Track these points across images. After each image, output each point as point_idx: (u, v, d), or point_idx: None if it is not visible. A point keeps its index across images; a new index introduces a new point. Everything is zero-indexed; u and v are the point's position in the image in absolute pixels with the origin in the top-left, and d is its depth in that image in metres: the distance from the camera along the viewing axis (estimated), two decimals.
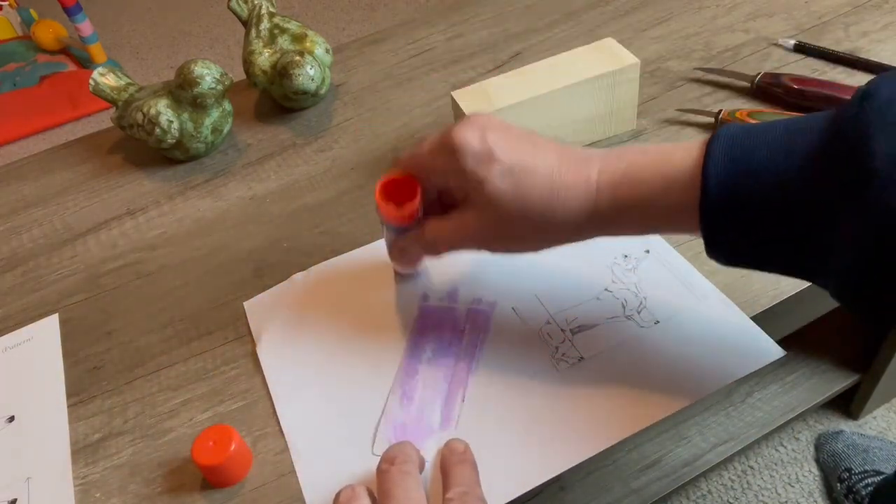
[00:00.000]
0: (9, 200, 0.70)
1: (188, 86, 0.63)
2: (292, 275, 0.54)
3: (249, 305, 0.54)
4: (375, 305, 0.51)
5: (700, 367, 0.44)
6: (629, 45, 0.58)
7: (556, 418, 0.43)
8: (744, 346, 0.44)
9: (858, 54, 0.64)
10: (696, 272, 0.49)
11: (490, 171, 0.39)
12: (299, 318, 0.51)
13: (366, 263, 0.55)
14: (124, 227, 0.64)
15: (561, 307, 0.49)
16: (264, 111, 0.74)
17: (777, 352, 0.44)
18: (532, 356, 0.46)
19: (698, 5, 0.76)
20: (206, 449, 0.42)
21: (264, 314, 0.52)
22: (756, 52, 0.68)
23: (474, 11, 0.83)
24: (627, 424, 0.42)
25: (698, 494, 0.96)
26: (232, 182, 0.66)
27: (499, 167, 0.39)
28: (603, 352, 0.46)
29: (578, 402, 0.43)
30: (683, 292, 0.48)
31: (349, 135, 0.69)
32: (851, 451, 0.94)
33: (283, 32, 0.71)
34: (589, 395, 0.43)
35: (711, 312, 0.46)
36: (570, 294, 0.49)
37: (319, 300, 0.52)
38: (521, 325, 0.48)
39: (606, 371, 0.45)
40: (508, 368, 0.46)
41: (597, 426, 0.42)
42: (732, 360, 0.44)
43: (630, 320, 0.47)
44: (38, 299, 0.58)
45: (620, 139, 0.61)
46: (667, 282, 0.49)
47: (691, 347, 0.45)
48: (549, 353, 0.46)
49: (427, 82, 0.74)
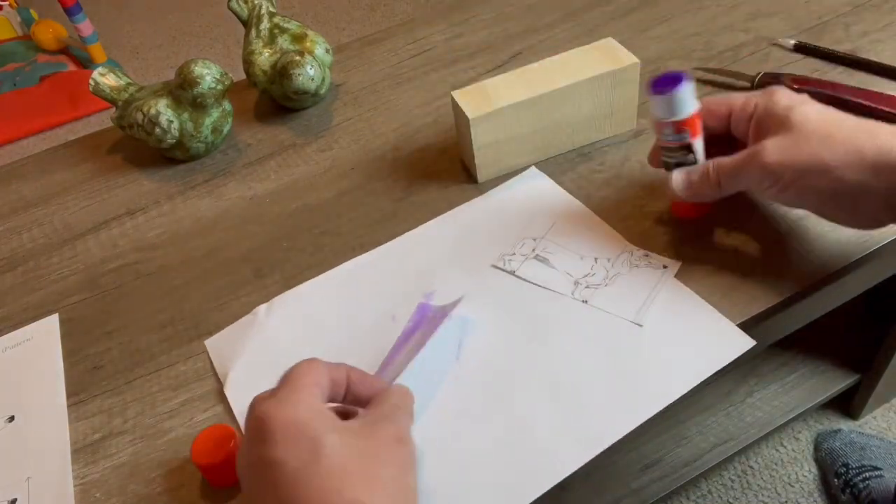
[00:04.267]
0: (9, 200, 0.70)
1: (188, 86, 0.63)
2: (256, 307, 0.53)
3: (211, 343, 0.51)
4: (342, 333, 0.50)
5: (674, 366, 0.44)
6: (629, 45, 0.58)
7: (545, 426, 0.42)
8: (714, 340, 0.45)
9: (858, 54, 0.64)
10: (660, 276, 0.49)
11: (803, 103, 0.44)
12: (265, 351, 0.49)
13: (330, 290, 0.53)
14: (124, 227, 0.64)
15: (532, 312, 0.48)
16: (264, 111, 0.74)
17: (747, 342, 0.44)
18: (511, 363, 0.46)
19: (698, 5, 0.76)
20: (205, 449, 0.42)
21: (228, 351, 0.50)
22: (756, 52, 0.68)
23: (474, 11, 0.83)
24: (605, 432, 0.41)
25: (698, 494, 0.96)
26: (232, 182, 0.66)
27: (811, 106, 0.44)
28: (572, 354, 0.45)
29: (559, 407, 0.43)
30: (649, 293, 0.48)
31: (349, 135, 0.69)
32: (849, 449, 0.94)
33: (283, 32, 0.71)
34: (567, 400, 0.43)
35: (680, 309, 0.46)
36: (541, 294, 0.49)
37: (284, 332, 0.51)
38: (495, 336, 0.47)
39: (578, 377, 0.44)
40: (488, 379, 0.45)
41: (579, 434, 0.41)
42: (704, 356, 0.44)
43: (601, 321, 0.47)
44: (38, 299, 0.58)
45: (621, 139, 0.61)
46: (635, 285, 0.48)
47: (664, 347, 0.45)
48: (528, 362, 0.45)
49: (427, 82, 0.74)
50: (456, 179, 0.61)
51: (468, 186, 0.60)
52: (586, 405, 0.43)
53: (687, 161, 0.48)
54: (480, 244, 0.54)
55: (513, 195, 0.58)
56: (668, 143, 0.48)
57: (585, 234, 0.53)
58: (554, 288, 0.49)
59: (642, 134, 0.61)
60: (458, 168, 0.62)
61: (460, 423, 0.43)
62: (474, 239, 0.55)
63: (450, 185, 0.60)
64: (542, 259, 0.51)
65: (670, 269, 0.49)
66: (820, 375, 0.90)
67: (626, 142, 0.61)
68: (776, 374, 0.90)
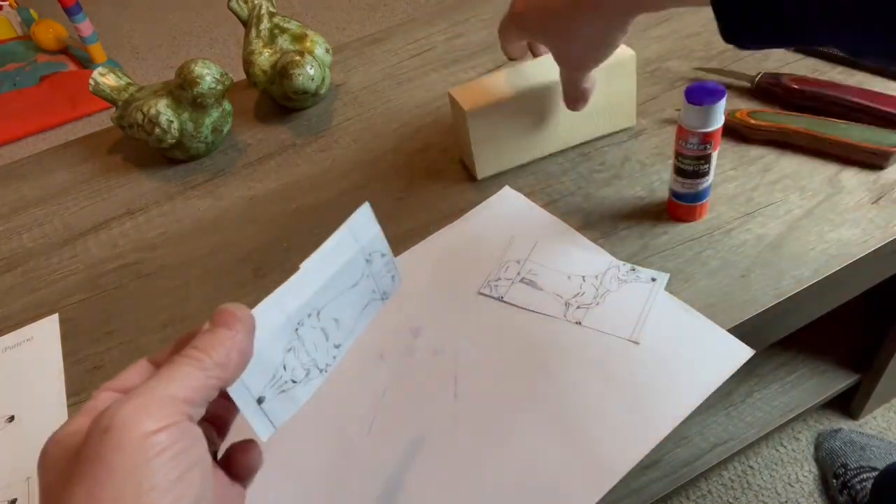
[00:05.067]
0: (9, 200, 0.70)
1: (188, 86, 0.63)
2: None
3: None
4: (325, 382, 0.47)
5: (676, 385, 0.43)
6: (629, 45, 0.58)
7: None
8: (713, 353, 0.44)
9: None
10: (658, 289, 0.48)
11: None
12: None
13: None
14: (124, 227, 0.64)
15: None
16: (264, 111, 0.74)
17: (745, 352, 0.43)
18: (510, 398, 0.44)
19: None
20: None
21: None
22: (756, 51, 0.68)
23: (474, 11, 0.83)
24: (616, 463, 0.40)
25: (698, 494, 0.96)
26: (232, 182, 0.66)
27: None
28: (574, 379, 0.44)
29: (565, 440, 0.42)
30: (641, 308, 0.47)
31: (349, 135, 0.69)
32: (849, 449, 0.94)
33: (283, 32, 0.71)
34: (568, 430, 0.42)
35: (674, 323, 0.46)
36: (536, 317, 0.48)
37: None
38: (491, 370, 0.46)
39: (584, 410, 0.43)
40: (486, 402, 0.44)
41: (590, 469, 0.40)
42: (705, 371, 0.43)
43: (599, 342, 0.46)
44: (38, 299, 0.58)
45: (621, 138, 0.61)
46: (626, 301, 0.48)
47: (664, 366, 0.44)
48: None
49: (427, 82, 0.74)
50: (456, 179, 0.61)
51: (468, 186, 0.60)
52: (594, 437, 0.41)
53: (700, 170, 0.49)
54: (463, 270, 0.52)
55: (490, 217, 0.56)
56: (688, 152, 0.48)
57: (569, 252, 0.52)
58: (545, 311, 0.48)
59: (642, 133, 0.61)
60: (458, 168, 0.62)
61: (457, 469, 0.41)
62: (456, 265, 0.53)
63: (450, 185, 0.60)
64: (529, 282, 0.50)
65: (659, 282, 0.48)
66: (820, 375, 0.90)
67: (626, 142, 0.61)
68: (776, 374, 0.90)
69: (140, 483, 0.25)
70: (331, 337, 0.35)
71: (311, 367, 0.34)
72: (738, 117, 0.58)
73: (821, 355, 0.91)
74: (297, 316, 0.33)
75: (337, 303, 0.36)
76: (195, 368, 0.28)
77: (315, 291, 0.34)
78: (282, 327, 0.32)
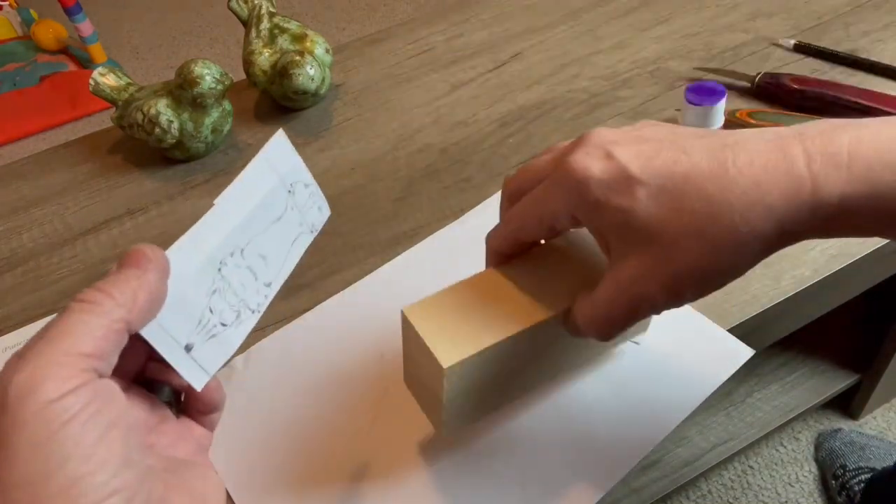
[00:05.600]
0: (9, 200, 0.70)
1: (188, 86, 0.63)
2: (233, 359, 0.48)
3: None
4: (330, 380, 0.46)
5: (676, 386, 0.43)
6: (629, 45, 0.58)
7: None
8: (713, 353, 0.44)
9: (858, 54, 0.64)
10: None
11: (634, 198, 0.29)
12: (246, 408, 0.45)
13: (310, 334, 0.50)
14: (124, 227, 0.64)
15: None
16: (264, 111, 0.74)
17: (745, 352, 0.43)
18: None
19: (698, 5, 0.76)
20: None
21: None
22: (756, 52, 0.68)
23: (474, 11, 0.83)
24: (617, 462, 0.40)
25: (698, 494, 0.96)
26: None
27: (644, 189, 0.28)
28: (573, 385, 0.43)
29: (570, 439, 0.41)
30: None
31: (349, 135, 0.69)
32: (848, 449, 0.94)
33: (283, 32, 0.71)
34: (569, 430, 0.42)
35: (674, 322, 0.45)
36: None
37: (265, 385, 0.46)
38: None
39: (587, 413, 0.42)
40: None
41: (592, 470, 0.40)
42: (705, 372, 0.43)
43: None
44: (38, 299, 0.58)
45: None
46: None
47: (665, 366, 0.44)
48: None
49: (427, 82, 0.74)
50: (456, 179, 0.61)
51: (468, 186, 0.60)
52: (594, 437, 0.41)
53: None
54: (463, 270, 0.49)
55: (490, 217, 0.54)
56: None
57: None
58: None
59: None
60: (458, 167, 0.62)
61: (457, 469, 0.41)
62: (455, 266, 0.50)
63: (450, 185, 0.60)
64: None
65: None
66: (820, 375, 0.90)
67: None
68: (776, 374, 0.90)
69: (47, 459, 0.22)
70: (259, 276, 0.33)
71: (242, 309, 0.32)
72: (738, 117, 0.58)
73: (821, 355, 0.91)
74: (219, 255, 0.31)
75: (262, 239, 0.33)
76: (93, 315, 0.24)
77: (234, 227, 0.32)
78: (202, 268, 0.30)
